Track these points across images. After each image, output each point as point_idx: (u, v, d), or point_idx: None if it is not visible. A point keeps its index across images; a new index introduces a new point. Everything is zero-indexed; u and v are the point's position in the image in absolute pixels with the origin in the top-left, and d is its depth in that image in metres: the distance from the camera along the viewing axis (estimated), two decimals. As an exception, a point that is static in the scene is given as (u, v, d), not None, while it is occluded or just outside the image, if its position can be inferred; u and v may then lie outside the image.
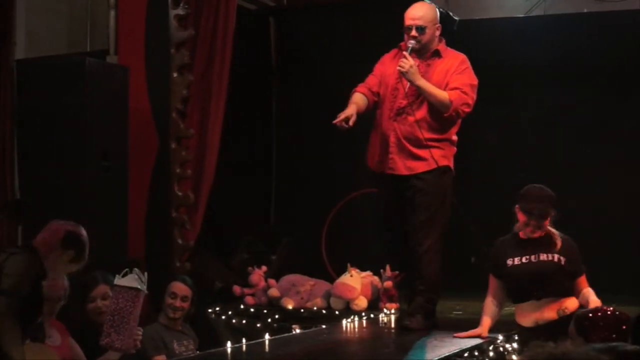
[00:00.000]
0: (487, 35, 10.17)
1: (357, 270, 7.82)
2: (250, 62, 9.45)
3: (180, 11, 7.73)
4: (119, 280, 4.97)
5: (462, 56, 6.52)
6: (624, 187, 9.76)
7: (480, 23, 10.30)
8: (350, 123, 6.13)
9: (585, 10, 10.10)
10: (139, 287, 4.93)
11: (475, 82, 6.41)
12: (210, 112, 7.92)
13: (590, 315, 4.34)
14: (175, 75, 7.70)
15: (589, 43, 9.82)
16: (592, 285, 9.20)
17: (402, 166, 6.32)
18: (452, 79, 6.30)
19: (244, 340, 6.22)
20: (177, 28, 7.72)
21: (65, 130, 6.82)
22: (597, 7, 10.07)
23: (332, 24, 8.90)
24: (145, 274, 5.03)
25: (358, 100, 6.39)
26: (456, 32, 9.98)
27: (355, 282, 7.61)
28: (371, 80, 6.53)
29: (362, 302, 7.70)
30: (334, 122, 6.14)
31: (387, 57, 6.62)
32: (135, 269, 5.03)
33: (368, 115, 6.61)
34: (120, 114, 7.18)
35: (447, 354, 5.37)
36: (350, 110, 6.21)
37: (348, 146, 7.64)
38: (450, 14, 10.10)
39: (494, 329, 6.21)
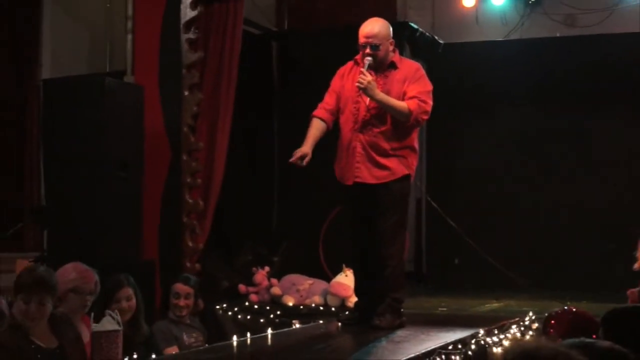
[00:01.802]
0: (469, 56, 10.21)
1: (352, 271, 7.80)
2: (254, 81, 9.46)
3: (191, 35, 7.73)
4: (96, 327, 4.72)
5: (416, 64, 6.18)
6: (595, 195, 9.80)
7: (463, 46, 10.32)
8: (304, 163, 5.85)
9: (558, 35, 10.14)
10: (117, 327, 4.75)
11: (430, 87, 6.05)
12: (218, 127, 7.92)
13: (554, 314, 4.35)
14: (186, 93, 7.70)
15: (562, 64, 9.87)
16: (562, 284, 9.28)
17: (369, 175, 5.98)
18: (409, 88, 5.94)
19: (248, 334, 6.21)
20: (188, 51, 7.72)
21: (86, 143, 6.80)
22: (569, 32, 10.12)
23: (331, 47, 8.88)
24: (116, 311, 4.85)
25: (316, 130, 6.06)
26: (441, 54, 10.06)
27: (350, 281, 7.59)
28: (329, 98, 6.17)
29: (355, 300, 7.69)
30: (290, 161, 5.84)
31: (344, 70, 6.19)
32: (108, 310, 4.84)
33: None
34: (136, 128, 7.17)
35: (433, 347, 5.36)
36: (306, 149, 5.91)
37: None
38: (436, 37, 10.14)
39: (475, 324, 6.23)
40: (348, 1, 10.49)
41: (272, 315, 7.75)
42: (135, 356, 5.11)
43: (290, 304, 7.97)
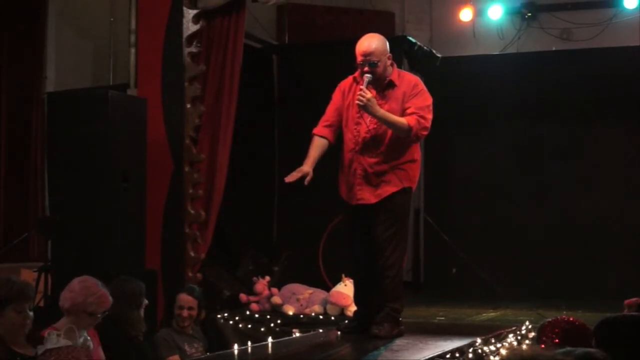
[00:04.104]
0: (466, 70, 10.23)
1: (351, 280, 7.80)
2: (255, 93, 9.47)
3: (193, 49, 7.76)
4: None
5: (415, 79, 5.99)
6: (588, 203, 9.82)
7: (460, 60, 10.34)
8: (306, 182, 5.72)
9: (554, 49, 10.17)
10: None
11: (430, 101, 5.88)
12: (220, 138, 7.93)
13: (549, 323, 4.34)
14: (188, 106, 7.73)
15: (558, 78, 9.89)
16: (557, 294, 9.26)
17: (371, 196, 5.89)
18: (408, 104, 5.83)
19: (249, 343, 6.21)
20: (190, 64, 7.75)
21: (90, 155, 6.83)
22: (565, 46, 10.15)
23: (328, 61, 8.92)
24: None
25: (317, 149, 5.94)
26: (439, 67, 10.08)
27: (349, 290, 7.58)
28: (330, 113, 6.05)
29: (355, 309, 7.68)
30: (287, 179, 5.70)
31: (345, 86, 6.05)
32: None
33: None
34: (139, 140, 7.19)
35: (431, 355, 5.35)
36: (306, 168, 5.76)
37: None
38: (434, 51, 10.16)
39: (473, 333, 6.22)
40: (347, 15, 10.55)
41: (272, 324, 7.74)
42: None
43: (291, 313, 7.96)
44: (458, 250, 9.25)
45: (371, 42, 5.87)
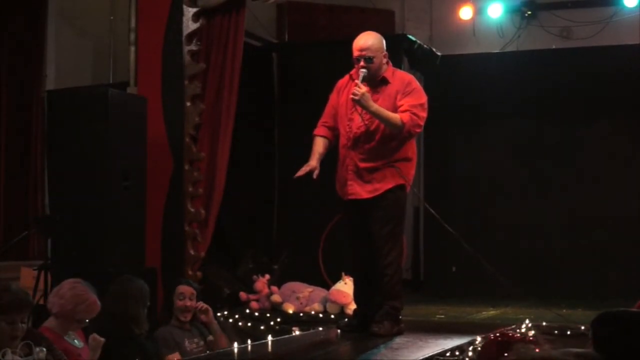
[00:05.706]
0: (466, 68, 10.23)
1: (351, 278, 7.80)
2: (255, 92, 9.48)
3: (193, 47, 7.75)
4: None
5: (408, 77, 6.08)
6: (588, 201, 9.82)
7: (460, 58, 10.34)
8: (315, 176, 5.85)
9: (553, 47, 10.17)
10: None
11: (424, 99, 5.93)
12: (220, 137, 7.93)
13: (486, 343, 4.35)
14: (188, 104, 7.71)
15: (557, 76, 9.90)
16: (557, 292, 9.25)
17: (362, 191, 5.94)
18: (402, 102, 5.87)
19: (249, 341, 6.21)
20: (190, 62, 7.74)
21: (90, 153, 6.81)
22: (565, 44, 10.15)
23: (328, 59, 8.93)
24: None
25: (319, 147, 6.05)
26: (439, 66, 10.09)
27: (349, 289, 7.58)
28: (328, 115, 6.15)
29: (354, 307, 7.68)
30: (296, 175, 5.84)
31: (341, 85, 6.13)
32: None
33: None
34: (139, 139, 7.18)
35: (431, 354, 5.36)
36: (313, 163, 5.91)
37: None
38: (434, 50, 10.16)
39: (472, 331, 6.22)
40: (347, 14, 10.54)
41: (272, 322, 7.74)
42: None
43: (290, 311, 7.96)
44: (460, 247, 9.22)
45: (368, 38, 5.97)
